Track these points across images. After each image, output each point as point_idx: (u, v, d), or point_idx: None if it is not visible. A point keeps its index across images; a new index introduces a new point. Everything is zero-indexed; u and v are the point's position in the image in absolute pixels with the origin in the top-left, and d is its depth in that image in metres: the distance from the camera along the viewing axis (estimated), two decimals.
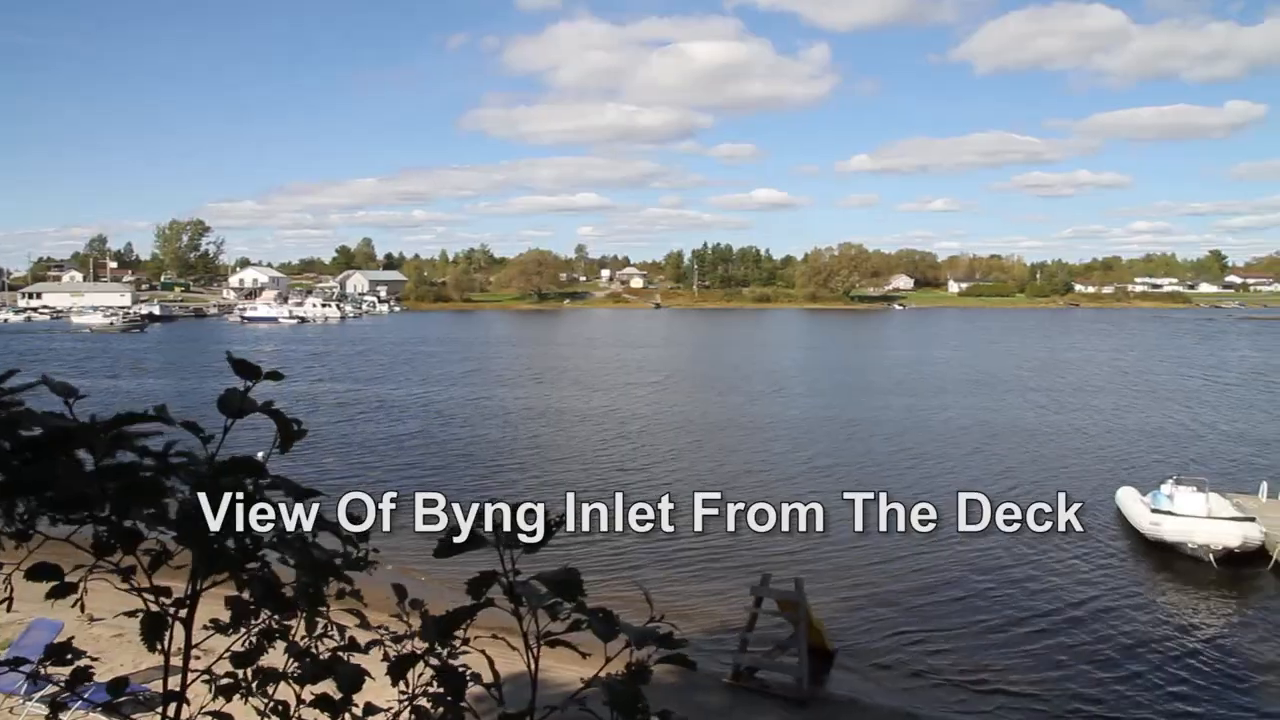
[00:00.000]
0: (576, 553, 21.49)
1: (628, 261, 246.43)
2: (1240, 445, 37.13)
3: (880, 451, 35.43)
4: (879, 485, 29.37)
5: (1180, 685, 15.53)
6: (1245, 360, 76.57)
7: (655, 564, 21.40)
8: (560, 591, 1.49)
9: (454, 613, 1.63)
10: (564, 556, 8.53)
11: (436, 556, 1.54)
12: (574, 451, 35.41)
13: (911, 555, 21.88)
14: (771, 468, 32.63)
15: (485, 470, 31.69)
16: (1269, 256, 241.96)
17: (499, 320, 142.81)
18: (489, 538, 1.53)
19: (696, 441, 37.64)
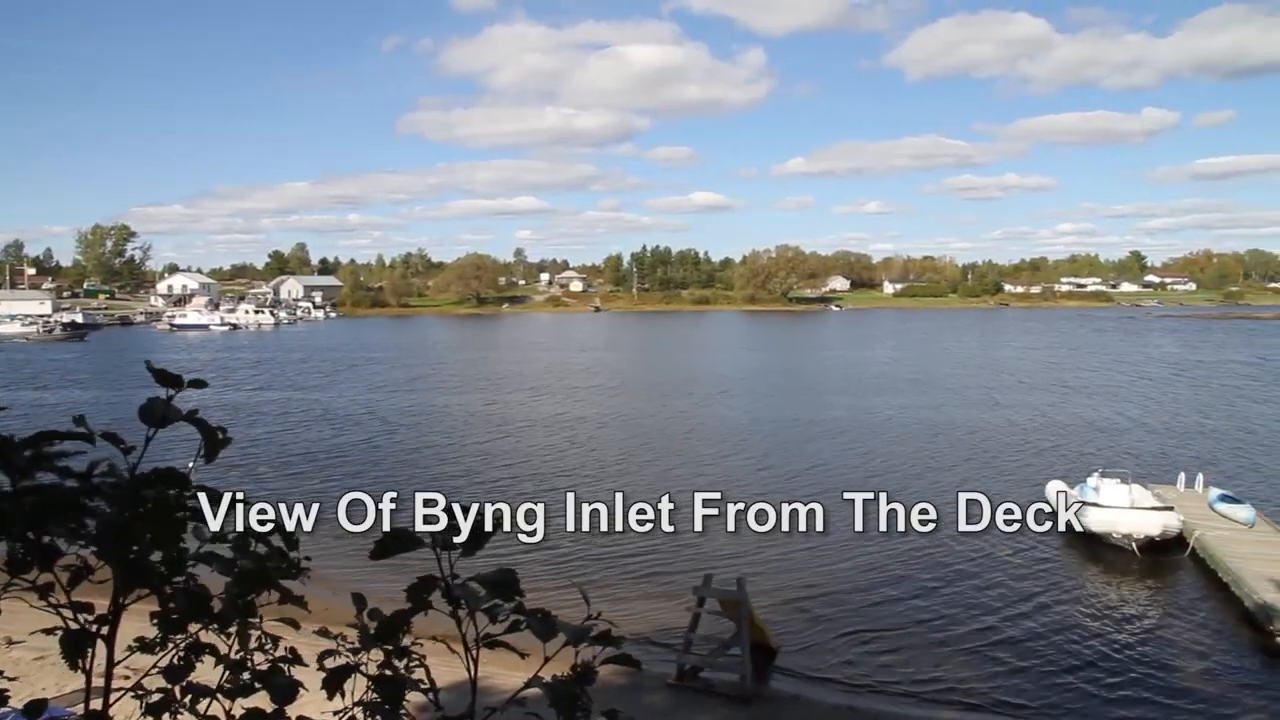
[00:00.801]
0: (521, 555, 21.38)
1: (567, 265, 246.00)
2: (1161, 438, 38.50)
3: (824, 453, 35.83)
4: (822, 486, 29.76)
5: (1107, 669, 16.01)
6: (1169, 356, 79.47)
7: (600, 566, 21.40)
8: (498, 592, 1.48)
9: (391, 617, 1.60)
10: (509, 560, 8.37)
11: (373, 558, 1.52)
12: (525, 456, 35.12)
13: (852, 554, 22.23)
14: (720, 470, 32.79)
15: (434, 477, 31.24)
16: (1184, 257, 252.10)
17: (438, 325, 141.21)
18: (424, 539, 1.51)
19: (647, 444, 37.65)
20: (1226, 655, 16.71)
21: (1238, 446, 36.56)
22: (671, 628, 16.99)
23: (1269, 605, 17.23)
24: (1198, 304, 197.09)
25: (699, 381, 59.92)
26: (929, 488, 29.40)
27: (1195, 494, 25.59)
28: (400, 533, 1.49)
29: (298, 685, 1.82)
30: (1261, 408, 47.53)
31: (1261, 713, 14.60)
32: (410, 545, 1.49)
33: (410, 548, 1.49)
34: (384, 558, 1.51)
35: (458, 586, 1.49)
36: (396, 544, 1.49)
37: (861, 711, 14.44)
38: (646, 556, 22.11)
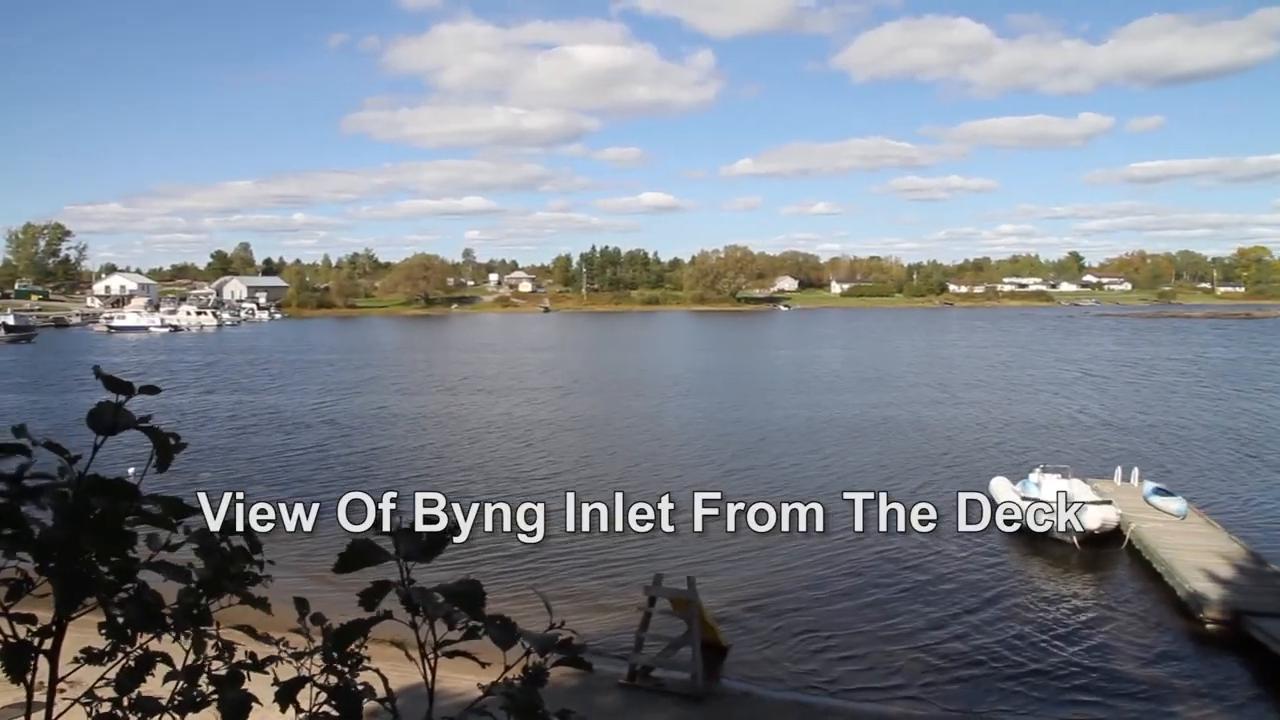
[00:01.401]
0: (471, 555, 21.23)
1: (516, 265, 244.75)
2: (1100, 434, 39.54)
3: (779, 453, 36.09)
4: (777, 487, 30.04)
5: (1050, 660, 16.41)
6: (1108, 355, 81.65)
7: (551, 565, 21.34)
8: (461, 603, 1.46)
9: (348, 626, 1.58)
10: (459, 560, 8.42)
11: (337, 571, 1.50)
12: (482, 459, 34.84)
13: (802, 553, 22.46)
14: (675, 470, 32.87)
15: (393, 480, 30.82)
16: (1120, 258, 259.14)
17: (386, 326, 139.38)
18: (389, 550, 1.49)
19: (604, 446, 37.59)
20: (1161, 643, 17.24)
21: (1171, 441, 37.71)
22: (623, 627, 17.02)
23: (1199, 594, 17.82)
24: (1133, 303, 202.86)
25: (655, 382, 60.03)
26: (878, 487, 29.81)
27: (1131, 488, 26.34)
28: (364, 545, 1.47)
29: (250, 700, 1.78)
30: (1194, 404, 49.11)
31: (1193, 697, 15.10)
32: (375, 558, 1.47)
33: (375, 560, 1.47)
34: (348, 571, 1.48)
35: (416, 592, 1.47)
36: (361, 557, 1.47)
37: (811, 707, 14.61)
38: (598, 556, 22.14)
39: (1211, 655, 16.61)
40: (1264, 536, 23.39)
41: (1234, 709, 14.74)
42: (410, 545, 1.47)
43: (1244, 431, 39.91)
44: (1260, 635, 16.10)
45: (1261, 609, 17.00)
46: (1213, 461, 33.63)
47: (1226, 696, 15.13)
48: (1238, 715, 14.54)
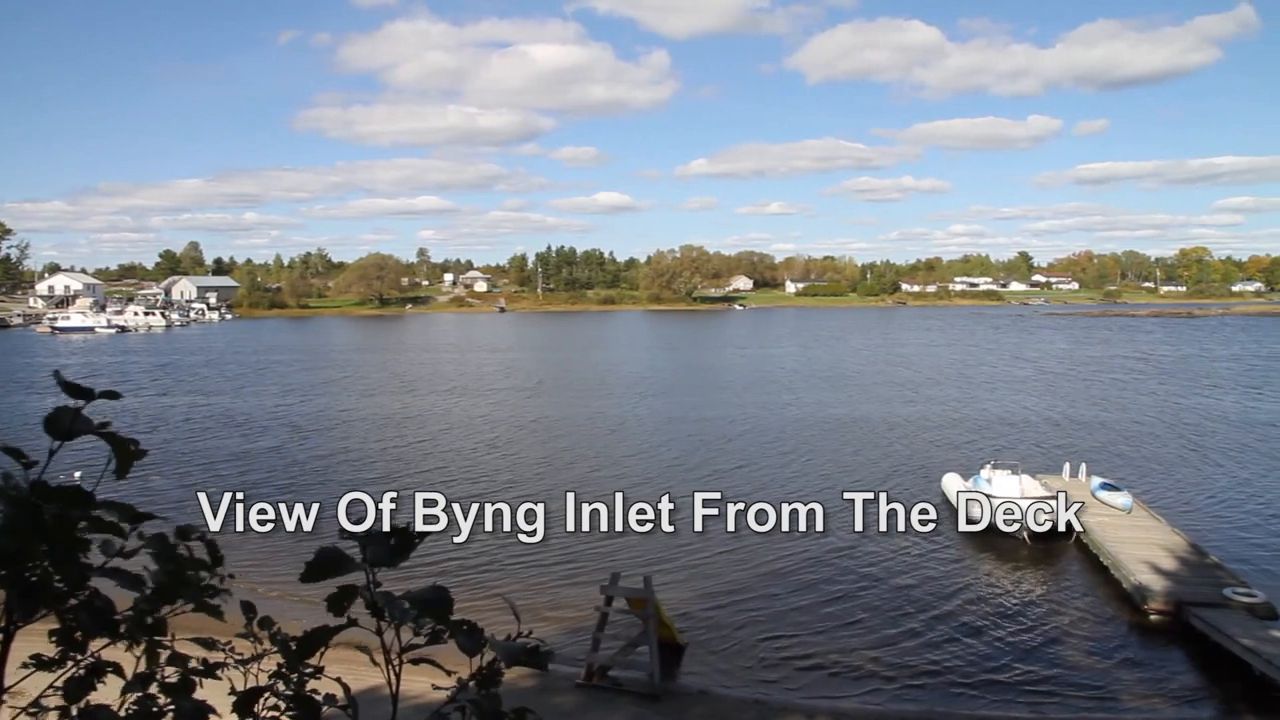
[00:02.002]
0: (429, 558, 21.05)
1: (471, 265, 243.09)
2: (1049, 430, 40.37)
3: (741, 452, 36.29)
4: (735, 486, 30.20)
5: (1001, 652, 16.73)
6: (1059, 352, 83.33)
7: (507, 566, 21.26)
8: (428, 611, 1.45)
9: (313, 633, 1.56)
10: (419, 562, 8.32)
11: (304, 581, 1.47)
12: (443, 460, 34.53)
13: (757, 551, 22.64)
14: (640, 470, 32.90)
15: (353, 481, 30.39)
16: (1067, 258, 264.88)
17: (341, 326, 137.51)
18: (355, 558, 1.47)
19: (574, 447, 37.46)
20: (1108, 634, 17.66)
21: (1118, 437, 38.61)
22: (580, 627, 17.01)
23: (1144, 586, 18.29)
24: (1081, 302, 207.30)
25: (619, 383, 59.95)
26: (835, 486, 30.14)
27: (1079, 483, 26.94)
28: (332, 553, 1.44)
29: (207, 711, 1.75)
30: (1140, 400, 50.37)
31: (1139, 685, 15.50)
32: (343, 568, 1.44)
33: (343, 570, 1.45)
34: (315, 580, 1.46)
35: (381, 596, 1.46)
36: (328, 567, 1.44)
37: (767, 704, 14.72)
38: (555, 555, 22.09)
39: (1155, 645, 17.06)
40: (1205, 529, 24.09)
41: (1177, 697, 15.16)
42: (376, 550, 1.46)
43: (1187, 427, 41.00)
44: (1201, 625, 16.58)
45: (1202, 600, 17.51)
46: (1157, 456, 34.51)
47: (1170, 685, 15.55)
48: (1180, 703, 14.96)
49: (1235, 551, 22.19)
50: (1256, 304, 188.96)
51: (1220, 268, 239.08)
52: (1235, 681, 15.21)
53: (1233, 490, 29.18)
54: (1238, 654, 15.30)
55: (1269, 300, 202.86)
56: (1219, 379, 60.96)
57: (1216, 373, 65.16)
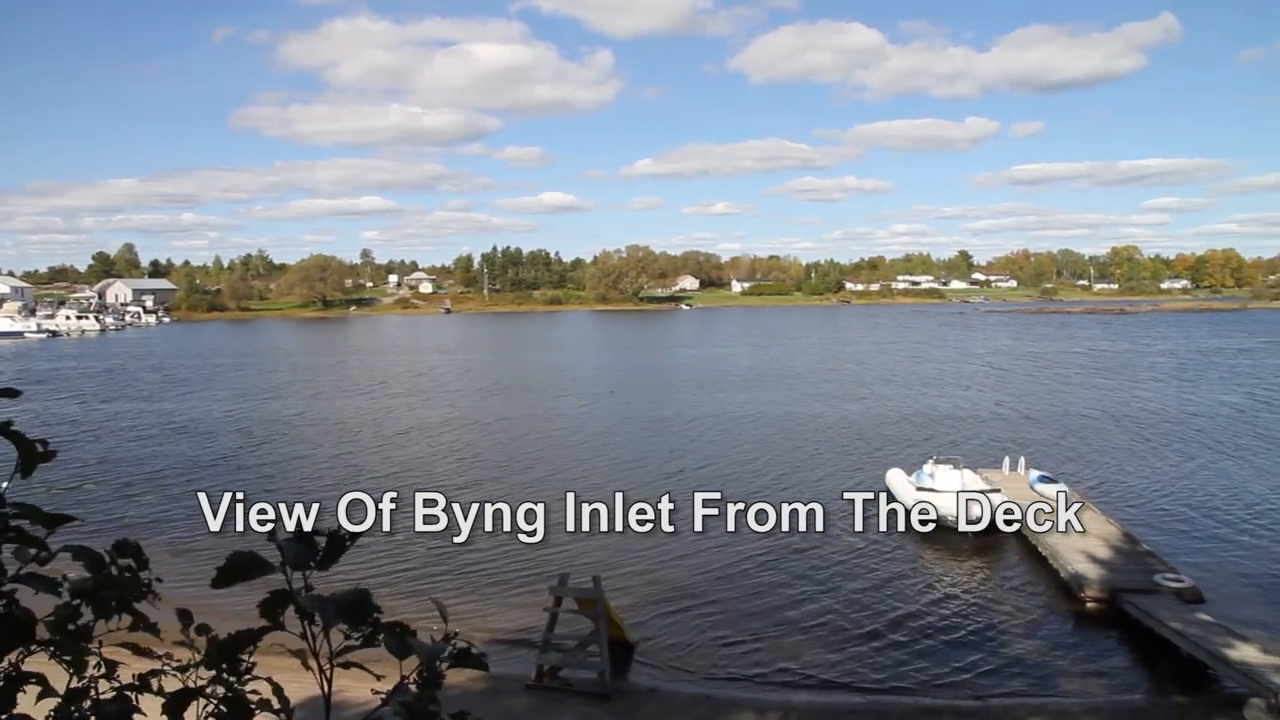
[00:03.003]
0: (378, 563, 20.80)
1: (416, 266, 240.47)
2: (990, 424, 41.25)
3: (688, 450, 36.44)
4: (684, 485, 30.33)
5: (946, 641, 17.07)
6: (1000, 349, 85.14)
7: (457, 570, 21.10)
8: (348, 615, 1.44)
9: (238, 635, 1.54)
10: (367, 568, 8.24)
11: (215, 587, 1.45)
12: (393, 461, 34.06)
13: (705, 549, 22.82)
14: (586, 470, 32.83)
15: (308, 486, 29.87)
16: (1005, 256, 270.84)
17: (283, 329, 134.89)
18: (273, 562, 1.45)
19: (524, 449, 37.24)
20: (1046, 622, 18.13)
21: (1056, 430, 39.61)
22: (531, 629, 16.95)
23: (1080, 575, 18.81)
24: (1018, 299, 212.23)
25: (573, 383, 59.82)
26: (784, 481, 30.46)
27: (1018, 475, 27.58)
28: (244, 557, 1.43)
29: (133, 713, 1.71)
30: (1076, 394, 51.77)
31: (1076, 669, 15.95)
32: (257, 571, 1.43)
33: (257, 574, 1.43)
34: (227, 585, 1.44)
35: (310, 600, 1.45)
36: (241, 571, 1.42)
37: (717, 699, 14.82)
38: (503, 558, 22.01)
39: (1092, 631, 17.56)
40: (1138, 518, 24.85)
41: (1112, 679, 15.63)
42: (299, 553, 1.44)
43: (1121, 420, 42.22)
44: (1134, 611, 17.10)
45: (1134, 586, 18.07)
46: (1093, 449, 35.46)
47: (1105, 669, 16.02)
48: (1114, 685, 15.42)
49: (1166, 539, 22.94)
50: (1184, 300, 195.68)
51: (1150, 266, 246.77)
52: (1166, 663, 15.73)
53: (1164, 480, 30.13)
54: (1167, 637, 15.82)
55: (1195, 297, 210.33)
56: (1152, 373, 62.90)
57: (1150, 367, 67.22)
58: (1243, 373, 62.61)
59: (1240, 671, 13.88)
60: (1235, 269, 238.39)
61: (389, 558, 22.03)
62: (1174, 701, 14.70)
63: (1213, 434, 38.33)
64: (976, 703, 14.84)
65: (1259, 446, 35.68)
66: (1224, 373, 62.58)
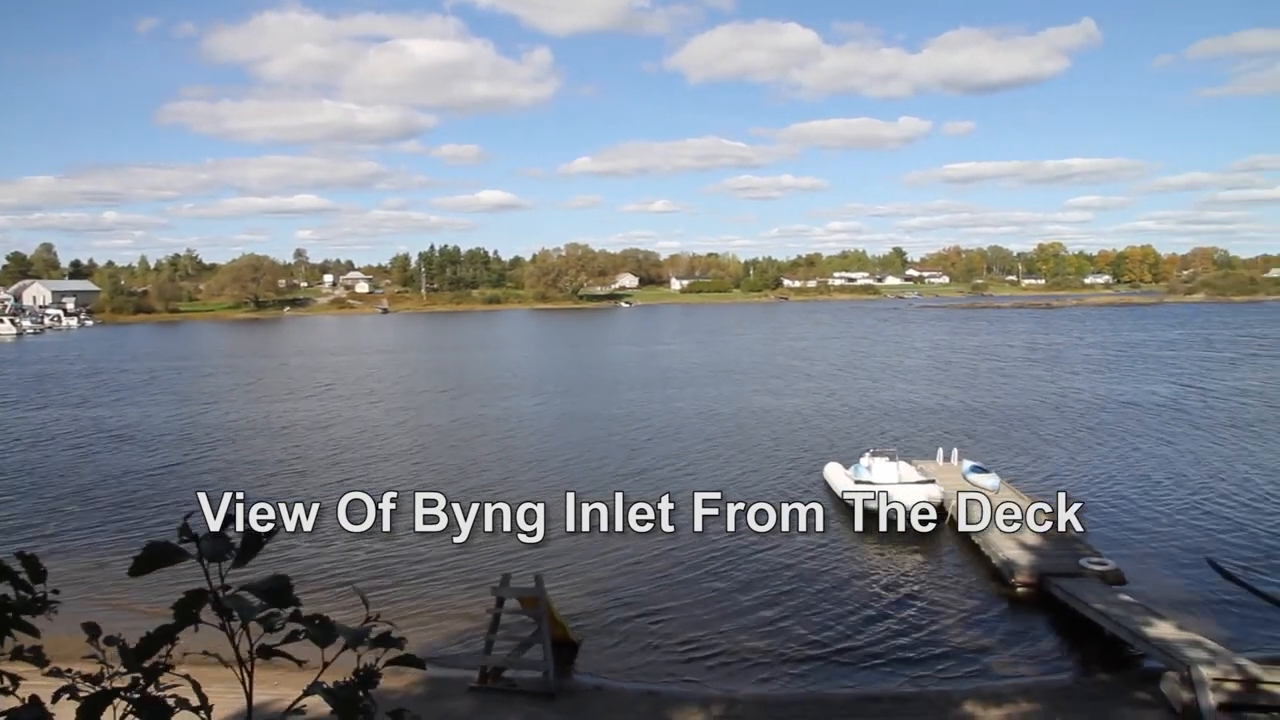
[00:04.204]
0: (314, 565, 20.46)
1: (352, 266, 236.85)
2: (925, 416, 42.14)
3: (635, 447, 36.50)
4: (627, 481, 30.43)
5: (884, 630, 17.42)
6: (935, 343, 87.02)
7: (399, 574, 20.86)
8: (271, 599, 1.45)
9: (152, 635, 1.53)
10: (305, 569, 8.11)
11: (132, 575, 1.44)
12: (326, 463, 33.44)
13: (648, 547, 22.93)
14: (530, 471, 32.68)
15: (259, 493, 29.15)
16: (938, 253, 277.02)
17: (215, 331, 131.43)
18: (189, 551, 1.45)
19: (467, 449, 36.90)
20: (979, 607, 18.62)
21: (988, 421, 40.67)
22: (473, 631, 16.86)
23: (1010, 561, 19.37)
24: (951, 295, 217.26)
25: (518, 383, 59.48)
26: (725, 475, 30.71)
27: (952, 466, 28.24)
28: (161, 546, 1.42)
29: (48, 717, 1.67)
30: (1009, 385, 53.30)
31: (1007, 653, 16.43)
32: (172, 558, 1.42)
33: (172, 560, 1.43)
34: (144, 573, 1.43)
35: (228, 598, 1.45)
36: (157, 558, 1.42)
37: (661, 695, 14.91)
38: (444, 560, 21.84)
39: (1022, 615, 18.10)
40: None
41: (1041, 661, 16.14)
42: (216, 547, 1.44)
43: (1050, 410, 43.54)
44: (1060, 594, 17.68)
45: (1061, 570, 18.68)
46: (1024, 438, 36.48)
47: (1034, 651, 16.54)
48: (1043, 667, 15.92)
49: (1090, 524, 23.65)
50: (1106, 295, 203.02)
51: (1074, 262, 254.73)
52: (1091, 643, 16.30)
53: (1090, 467, 31.14)
54: (1091, 618, 16.39)
55: (1116, 292, 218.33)
56: (1082, 365, 64.99)
57: (1080, 359, 69.45)
58: (1167, 363, 65.13)
59: (1157, 648, 14.44)
60: (1152, 265, 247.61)
61: (326, 559, 21.73)
62: (1098, 679, 15.24)
63: (1137, 423, 39.75)
64: (914, 689, 15.18)
65: (1179, 433, 37.11)
66: (1150, 364, 65.03)
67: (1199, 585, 19.57)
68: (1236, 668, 13.14)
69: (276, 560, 20.73)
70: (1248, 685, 12.91)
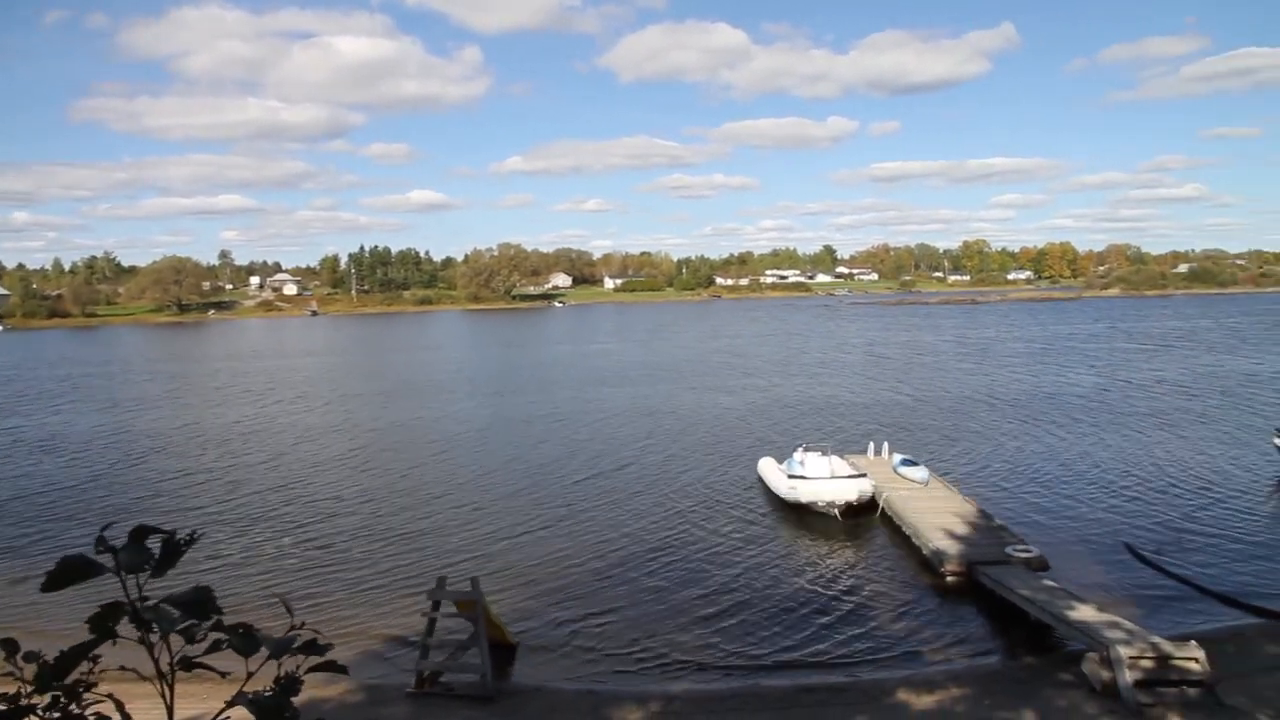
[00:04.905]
0: (243, 575, 19.98)
1: (279, 267, 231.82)
2: (857, 411, 42.93)
3: (566, 446, 36.39)
4: (563, 481, 30.34)
5: (820, 622, 17.68)
6: (866, 340, 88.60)
7: (333, 580, 20.49)
8: (192, 611, 1.43)
9: (70, 651, 1.49)
10: (233, 578, 7.95)
11: (45, 590, 1.41)
12: (238, 476, 32.60)
13: (586, 544, 22.95)
14: (467, 471, 32.35)
15: (188, 504, 28.22)
16: (867, 250, 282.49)
17: (138, 336, 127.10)
18: (107, 564, 1.42)
19: (411, 450, 36.34)
20: (911, 597, 19.04)
21: (918, 415, 41.60)
22: (410, 636, 16.66)
23: (940, 551, 19.85)
24: (880, 291, 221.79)
25: (455, 384, 58.79)
26: (661, 472, 30.84)
27: (882, 460, 28.80)
28: (75, 560, 1.38)
29: None
30: (938, 379, 54.62)
31: (938, 640, 16.83)
32: (87, 572, 1.38)
33: (87, 575, 1.39)
34: (58, 589, 1.39)
35: (147, 610, 1.42)
36: (71, 573, 1.38)
37: (600, 694, 14.92)
38: (381, 565, 21.53)
39: (952, 603, 18.57)
40: (992, 495, 26.38)
41: (970, 648, 16.57)
42: (134, 558, 1.41)
43: (977, 403, 44.74)
44: (988, 582, 18.19)
45: (988, 559, 19.21)
46: (952, 431, 37.39)
47: (964, 638, 16.98)
48: (973, 653, 16.36)
49: (1016, 513, 24.44)
50: (1028, 290, 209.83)
51: (998, 258, 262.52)
52: (1017, 628, 16.81)
53: (1016, 458, 32.07)
54: (1018, 604, 16.91)
55: (1037, 287, 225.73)
56: (1010, 359, 66.96)
57: (1008, 353, 71.53)
58: (1090, 355, 67.56)
59: (1079, 630, 14.97)
60: (1071, 261, 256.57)
61: (257, 568, 21.25)
62: (1024, 662, 15.72)
63: (1061, 414, 41.09)
64: (849, 679, 15.45)
65: (1101, 423, 38.46)
66: (1073, 356, 67.41)
67: (1117, 569, 20.33)
68: (1151, 646, 13.69)
69: (205, 572, 20.20)
70: (1160, 662, 13.46)
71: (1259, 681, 13.97)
